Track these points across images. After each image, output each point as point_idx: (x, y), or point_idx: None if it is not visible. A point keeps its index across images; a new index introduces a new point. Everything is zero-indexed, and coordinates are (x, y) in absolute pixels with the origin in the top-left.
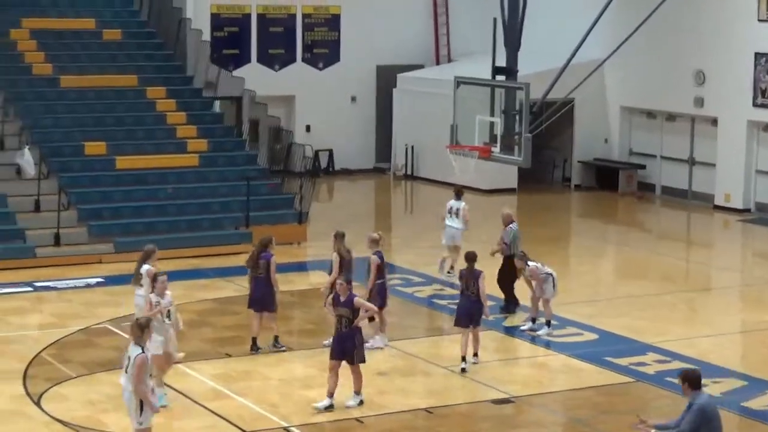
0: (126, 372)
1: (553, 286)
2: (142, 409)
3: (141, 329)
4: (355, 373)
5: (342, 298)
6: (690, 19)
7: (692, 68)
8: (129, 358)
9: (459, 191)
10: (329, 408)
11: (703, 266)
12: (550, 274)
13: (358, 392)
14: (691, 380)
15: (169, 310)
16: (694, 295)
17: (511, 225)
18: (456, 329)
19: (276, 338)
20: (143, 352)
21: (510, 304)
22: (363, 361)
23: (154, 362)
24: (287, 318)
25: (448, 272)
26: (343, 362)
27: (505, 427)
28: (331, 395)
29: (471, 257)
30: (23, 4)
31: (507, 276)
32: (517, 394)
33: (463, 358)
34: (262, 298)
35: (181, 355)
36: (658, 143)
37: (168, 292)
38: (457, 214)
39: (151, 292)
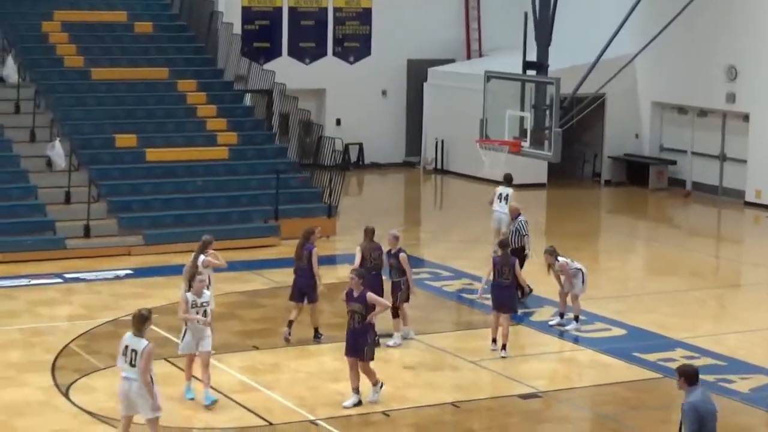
0: (132, 365)
1: (583, 281)
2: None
3: (143, 321)
4: (365, 371)
5: (355, 293)
6: (722, 14)
7: (724, 64)
8: (135, 351)
9: (508, 178)
10: (358, 404)
11: (732, 262)
12: (580, 270)
13: (375, 384)
14: (688, 375)
15: (205, 310)
16: (724, 292)
17: (519, 217)
18: (485, 322)
19: (316, 330)
20: (148, 342)
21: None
22: (372, 358)
23: (187, 360)
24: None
25: None
26: None
27: (532, 422)
28: (356, 390)
29: (505, 244)
30: None
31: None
32: (544, 389)
33: (494, 341)
34: (304, 289)
35: (212, 351)
36: (689, 139)
37: (206, 292)
38: (507, 200)
39: (188, 290)
